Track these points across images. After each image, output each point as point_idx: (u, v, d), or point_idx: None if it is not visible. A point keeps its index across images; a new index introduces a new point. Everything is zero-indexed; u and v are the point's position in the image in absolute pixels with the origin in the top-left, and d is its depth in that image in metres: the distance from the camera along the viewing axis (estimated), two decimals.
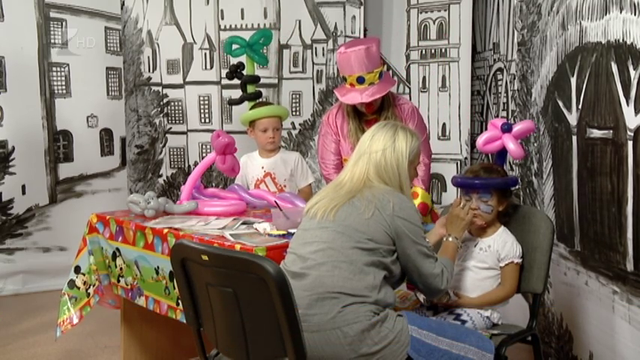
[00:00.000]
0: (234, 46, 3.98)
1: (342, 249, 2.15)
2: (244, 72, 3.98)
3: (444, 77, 4.52)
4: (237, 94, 4.39)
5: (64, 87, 4.84)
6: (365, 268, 2.14)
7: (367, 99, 3.13)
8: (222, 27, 4.54)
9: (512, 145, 2.69)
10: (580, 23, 2.93)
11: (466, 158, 4.44)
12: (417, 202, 3.14)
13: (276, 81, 4.58)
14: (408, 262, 2.23)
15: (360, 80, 3.13)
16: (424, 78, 4.61)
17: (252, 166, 3.69)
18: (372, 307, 2.11)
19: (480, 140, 2.76)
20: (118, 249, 3.08)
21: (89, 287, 3.16)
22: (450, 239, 2.45)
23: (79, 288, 3.15)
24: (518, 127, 2.73)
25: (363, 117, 3.29)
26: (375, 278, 2.15)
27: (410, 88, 4.68)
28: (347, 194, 2.25)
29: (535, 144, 3.42)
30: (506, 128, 2.71)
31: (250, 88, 3.94)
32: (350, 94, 3.16)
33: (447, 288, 2.33)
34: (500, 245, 2.55)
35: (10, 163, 4.69)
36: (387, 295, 2.18)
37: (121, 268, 3.08)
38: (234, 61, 4.09)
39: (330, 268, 2.13)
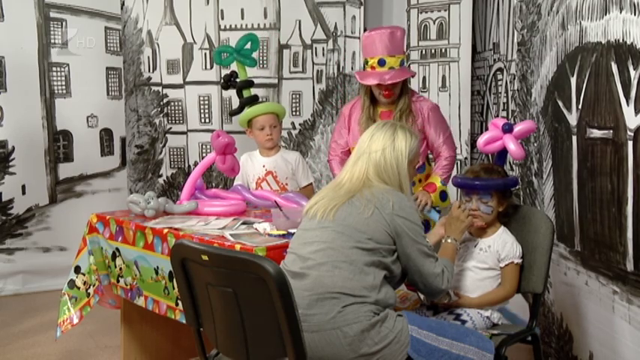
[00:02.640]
0: (224, 55, 3.99)
1: (342, 249, 2.15)
2: (237, 79, 3.99)
3: (444, 77, 4.52)
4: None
5: (64, 87, 4.84)
6: (365, 268, 2.14)
7: (386, 81, 3.15)
8: (222, 27, 4.54)
9: (512, 146, 2.69)
10: (580, 23, 2.93)
11: (466, 158, 4.44)
12: (437, 193, 3.19)
13: (276, 81, 4.59)
14: (408, 261, 2.23)
15: (381, 62, 3.17)
16: (424, 78, 4.62)
17: (252, 164, 3.69)
18: (372, 307, 2.11)
19: (481, 140, 2.76)
20: (117, 249, 3.08)
21: (89, 287, 3.16)
22: (449, 241, 2.46)
23: (79, 288, 3.15)
24: (519, 128, 2.73)
25: (377, 108, 3.31)
26: (375, 278, 2.15)
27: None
28: (346, 194, 2.26)
29: (535, 144, 3.42)
30: (507, 128, 2.70)
31: (246, 93, 3.95)
32: (370, 77, 3.20)
33: (448, 288, 2.33)
34: (500, 245, 2.55)
35: (10, 163, 4.69)
36: (387, 296, 2.18)
37: (120, 268, 3.08)
38: (226, 70, 4.09)
39: (330, 268, 2.13)
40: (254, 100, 3.94)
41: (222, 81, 4.05)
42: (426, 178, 3.32)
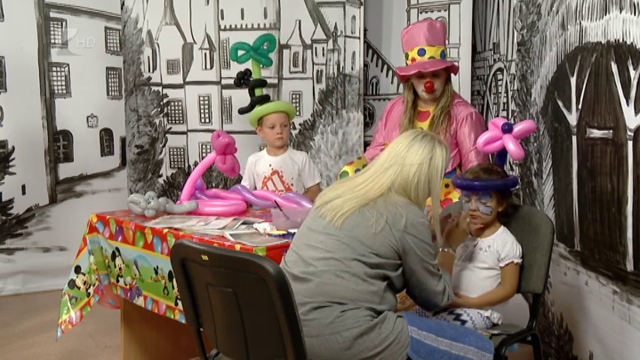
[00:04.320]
0: (240, 52, 3.99)
1: (344, 260, 2.13)
2: (251, 78, 3.99)
3: None
4: (237, 93, 4.40)
5: (64, 87, 4.84)
6: (368, 279, 2.12)
7: (427, 69, 3.16)
8: (222, 27, 4.54)
9: (512, 146, 2.68)
10: (580, 23, 2.93)
11: None
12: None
13: (276, 81, 4.58)
14: (412, 276, 2.21)
15: (421, 52, 3.19)
16: None
17: (260, 164, 3.69)
18: (371, 312, 2.11)
19: (481, 140, 2.76)
20: (117, 249, 3.08)
21: (89, 287, 3.16)
22: (447, 250, 2.46)
23: (79, 288, 3.15)
24: (518, 128, 2.73)
25: (417, 109, 3.32)
26: (378, 288, 2.14)
27: None
28: (362, 198, 2.19)
29: (535, 144, 3.42)
30: (507, 128, 2.70)
31: (258, 92, 3.95)
32: (410, 68, 3.22)
33: (446, 304, 2.32)
34: (500, 245, 2.54)
35: (10, 163, 4.69)
36: (390, 305, 2.18)
37: (120, 268, 3.09)
38: (240, 67, 4.08)
39: (333, 276, 2.12)
40: (265, 99, 3.94)
41: (235, 78, 4.05)
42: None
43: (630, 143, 2.56)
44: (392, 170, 2.22)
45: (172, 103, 4.59)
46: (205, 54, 4.55)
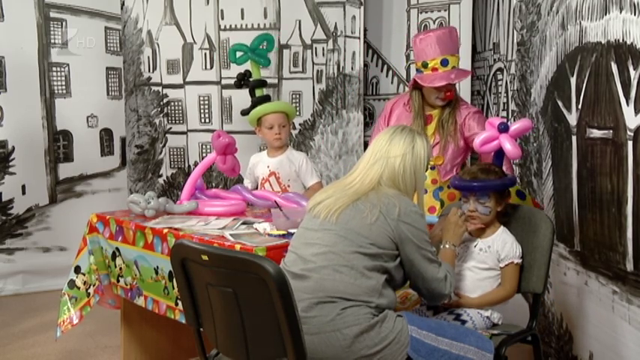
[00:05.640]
0: (238, 54, 3.99)
1: (343, 253, 2.14)
2: (251, 79, 3.99)
3: None
4: (236, 93, 4.40)
5: (64, 87, 4.84)
6: (366, 272, 2.14)
7: (454, 80, 3.16)
8: (222, 27, 4.54)
9: (509, 146, 2.67)
10: (580, 23, 2.93)
11: None
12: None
13: (276, 81, 4.58)
14: (412, 267, 2.22)
15: (444, 62, 3.15)
16: None
17: (258, 167, 3.69)
18: (372, 310, 2.12)
19: (478, 140, 2.75)
20: (117, 249, 3.08)
21: (89, 287, 3.16)
22: (447, 246, 2.46)
23: (79, 288, 3.15)
24: (515, 127, 2.72)
25: (424, 112, 3.32)
26: (377, 282, 2.14)
27: None
28: (353, 195, 2.24)
29: (535, 144, 3.42)
30: (503, 128, 2.69)
31: (259, 92, 3.95)
32: (437, 79, 3.16)
33: (451, 293, 2.32)
34: (500, 245, 2.54)
35: (10, 163, 4.69)
36: (388, 300, 2.18)
37: (120, 268, 3.09)
38: (240, 68, 4.08)
39: (331, 272, 2.13)
40: (266, 99, 3.93)
41: (235, 79, 4.05)
42: None
43: (630, 143, 2.56)
44: (378, 165, 2.29)
45: (172, 103, 4.59)
46: (205, 54, 4.55)
